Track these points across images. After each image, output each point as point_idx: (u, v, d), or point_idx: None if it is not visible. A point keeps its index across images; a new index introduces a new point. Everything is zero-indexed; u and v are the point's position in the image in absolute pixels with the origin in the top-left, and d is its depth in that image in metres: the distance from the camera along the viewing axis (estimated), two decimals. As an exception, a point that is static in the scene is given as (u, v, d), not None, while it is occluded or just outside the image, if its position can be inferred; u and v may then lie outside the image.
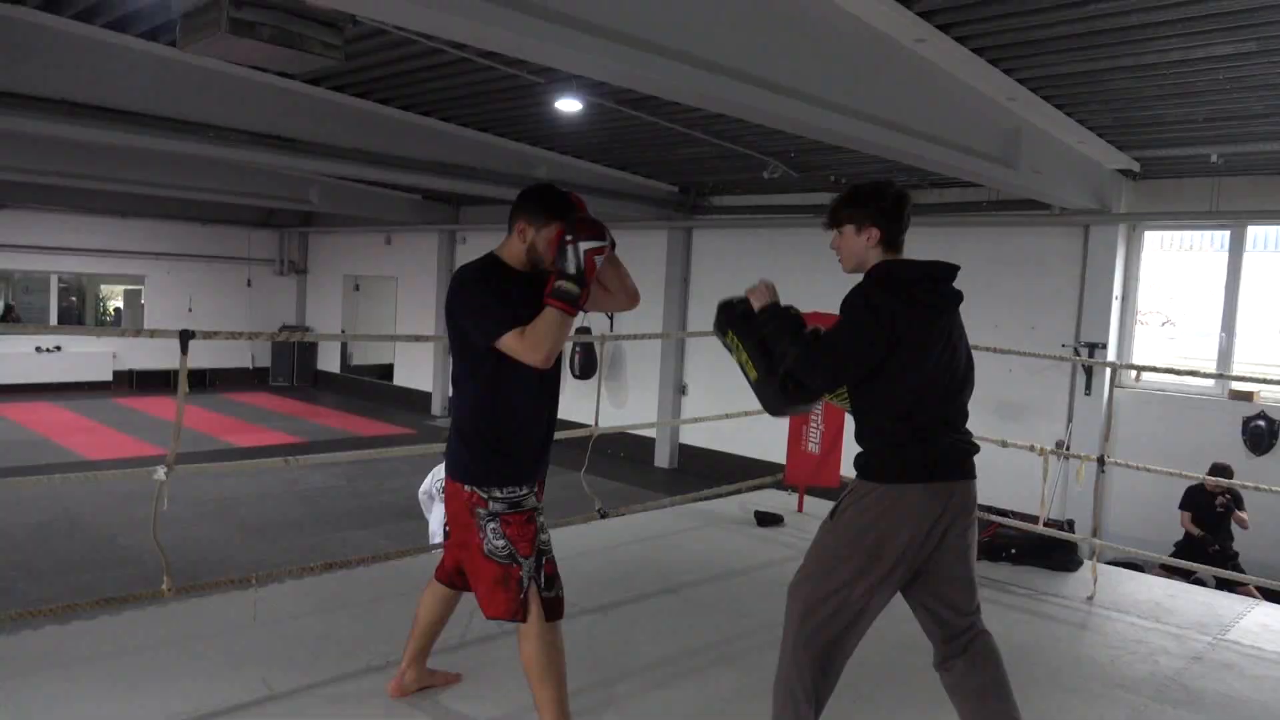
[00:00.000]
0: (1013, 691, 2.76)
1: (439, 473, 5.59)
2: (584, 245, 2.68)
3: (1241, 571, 7.38)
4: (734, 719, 3.22)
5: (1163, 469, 5.88)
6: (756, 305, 2.85)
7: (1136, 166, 9.13)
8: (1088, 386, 10.10)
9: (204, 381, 19.28)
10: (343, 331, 20.05)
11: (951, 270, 2.83)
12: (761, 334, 2.78)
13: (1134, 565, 8.61)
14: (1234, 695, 3.63)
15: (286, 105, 8.55)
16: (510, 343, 2.65)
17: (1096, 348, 9.93)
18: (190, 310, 19.20)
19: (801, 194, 12.14)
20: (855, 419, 2.78)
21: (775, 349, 2.74)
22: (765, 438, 11.29)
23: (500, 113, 9.56)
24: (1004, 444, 5.82)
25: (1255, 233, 9.53)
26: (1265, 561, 8.06)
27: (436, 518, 5.68)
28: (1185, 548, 7.94)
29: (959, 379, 2.77)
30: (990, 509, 6.22)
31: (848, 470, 6.46)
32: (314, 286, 21.44)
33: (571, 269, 2.67)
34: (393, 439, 15.43)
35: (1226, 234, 9.55)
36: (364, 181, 14.13)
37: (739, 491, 6.40)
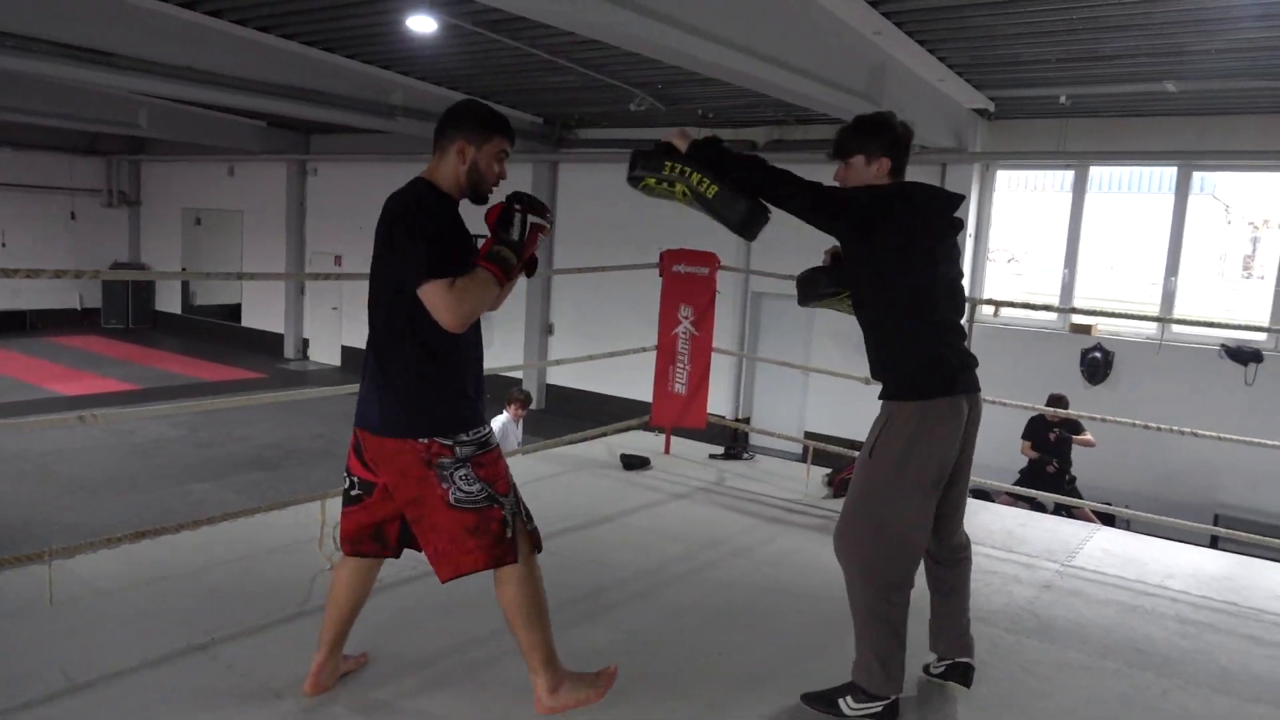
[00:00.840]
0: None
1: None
2: (532, 218, 2.56)
3: (1079, 495, 7.84)
4: (598, 678, 3.06)
5: (1014, 402, 6.07)
6: (682, 145, 2.79)
7: (991, 106, 9.33)
8: (943, 322, 10.42)
9: (24, 324, 17.63)
10: (183, 270, 18.64)
11: (956, 198, 2.88)
12: (706, 157, 2.74)
13: (983, 493, 9.03)
14: (1082, 621, 3.75)
15: (103, 14, 7.61)
16: (436, 293, 2.39)
17: (952, 284, 10.23)
18: (3, 245, 17.41)
19: (669, 128, 11.88)
20: (874, 346, 2.80)
21: (737, 168, 2.73)
22: (633, 377, 11.19)
23: (348, 31, 8.85)
24: (867, 381, 5.83)
25: (1097, 174, 9.97)
26: (1099, 484, 8.60)
27: None
28: (1028, 474, 8.35)
29: (961, 302, 2.87)
30: (855, 445, 6.31)
31: (715, 408, 6.41)
32: (149, 220, 19.81)
33: (514, 236, 2.54)
34: (242, 384, 14.55)
35: (1070, 174, 9.96)
36: (200, 105, 12.96)
37: (604, 434, 6.24)
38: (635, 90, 9.96)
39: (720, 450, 6.21)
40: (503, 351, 13.91)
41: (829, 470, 5.65)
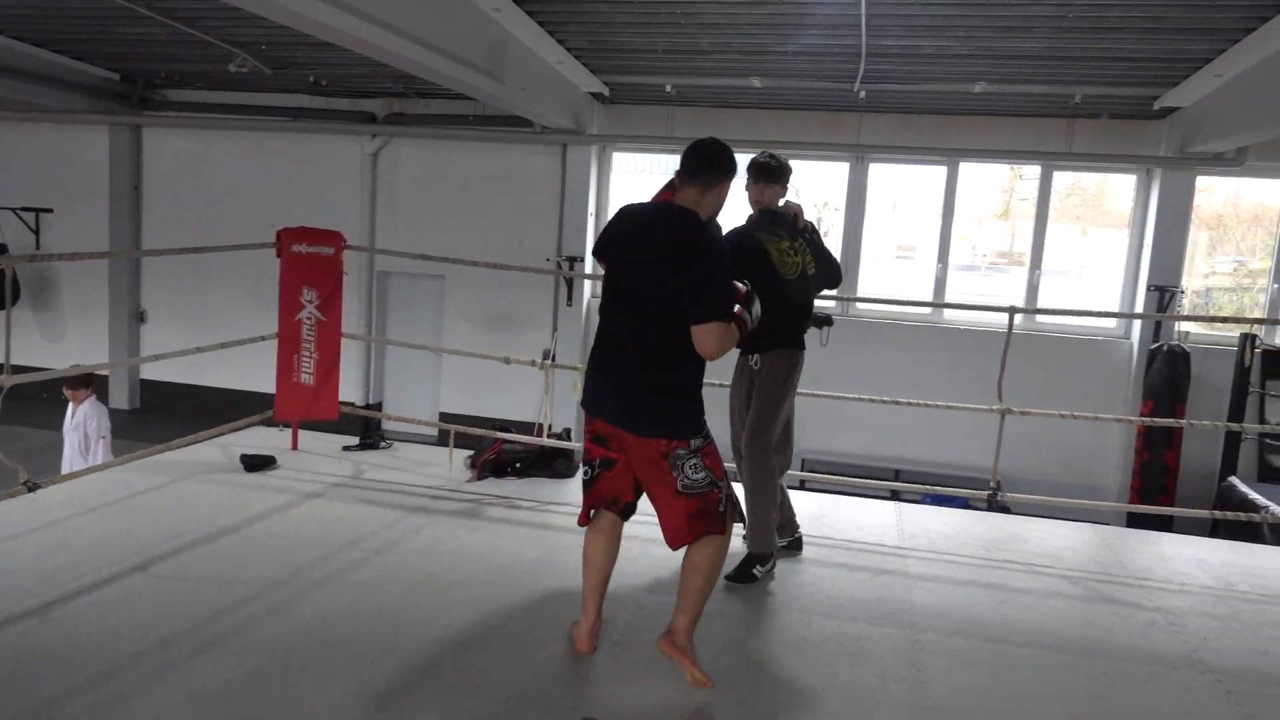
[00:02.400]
0: None
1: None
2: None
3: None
4: (226, 718, 2.70)
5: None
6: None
7: (606, 91, 9.77)
8: (569, 298, 10.81)
9: None
10: None
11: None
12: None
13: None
14: (712, 573, 4.06)
15: None
16: (718, 330, 2.89)
17: (576, 260, 10.63)
18: None
19: (278, 95, 10.94)
20: (775, 310, 3.65)
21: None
22: (250, 367, 10.22)
23: None
24: (507, 361, 5.86)
25: (698, 159, 10.87)
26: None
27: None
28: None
29: None
30: (493, 425, 6.29)
31: (345, 396, 6.02)
32: None
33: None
34: None
35: (677, 158, 10.77)
36: None
37: (219, 434, 5.58)
38: (235, 50, 8.96)
39: (355, 441, 5.86)
40: (81, 344, 11.95)
41: (471, 453, 5.57)
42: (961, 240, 10.55)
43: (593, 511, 3.18)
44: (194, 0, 7.07)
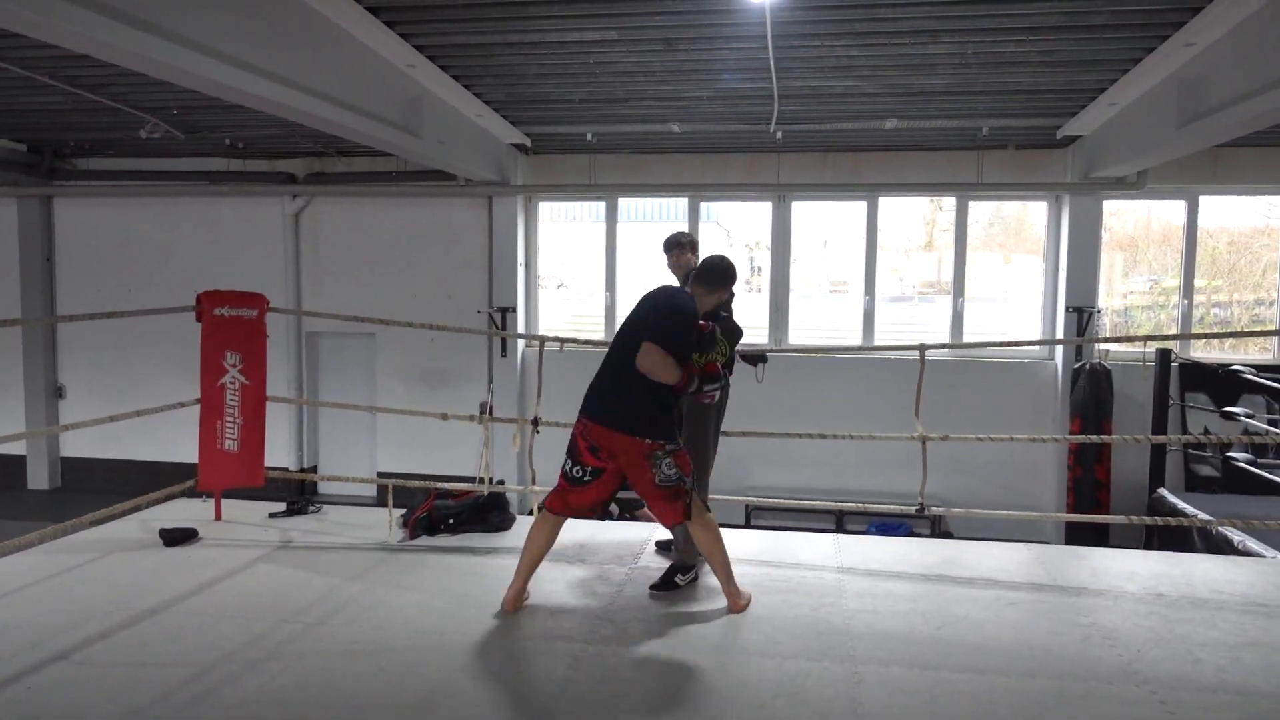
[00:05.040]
0: None
1: None
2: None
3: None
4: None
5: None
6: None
7: (528, 142, 9.83)
8: (503, 350, 10.73)
9: None
10: None
11: None
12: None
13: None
14: (649, 618, 4.00)
15: None
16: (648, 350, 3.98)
17: (508, 311, 10.59)
18: None
19: (194, 159, 10.78)
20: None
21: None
22: (172, 437, 9.95)
23: None
24: (445, 417, 5.77)
25: (625, 204, 10.99)
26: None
27: None
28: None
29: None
30: (430, 479, 6.17)
31: (276, 461, 5.85)
32: None
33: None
34: None
35: (603, 205, 10.86)
36: None
37: (136, 508, 5.36)
38: (145, 115, 8.81)
39: (282, 508, 5.68)
40: (-5, 425, 11.47)
41: (404, 510, 5.44)
42: (892, 273, 10.78)
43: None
44: (97, 67, 6.93)
